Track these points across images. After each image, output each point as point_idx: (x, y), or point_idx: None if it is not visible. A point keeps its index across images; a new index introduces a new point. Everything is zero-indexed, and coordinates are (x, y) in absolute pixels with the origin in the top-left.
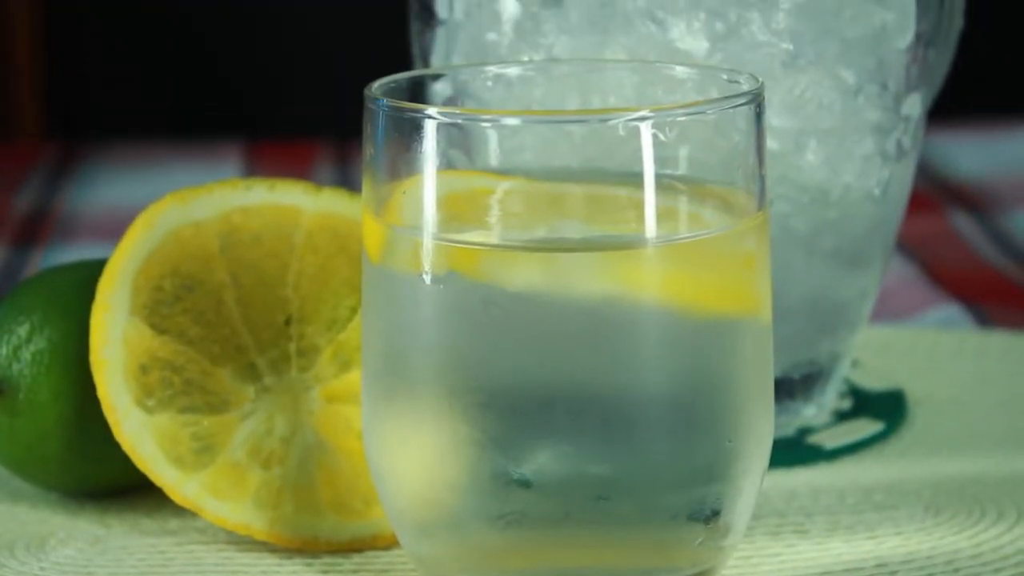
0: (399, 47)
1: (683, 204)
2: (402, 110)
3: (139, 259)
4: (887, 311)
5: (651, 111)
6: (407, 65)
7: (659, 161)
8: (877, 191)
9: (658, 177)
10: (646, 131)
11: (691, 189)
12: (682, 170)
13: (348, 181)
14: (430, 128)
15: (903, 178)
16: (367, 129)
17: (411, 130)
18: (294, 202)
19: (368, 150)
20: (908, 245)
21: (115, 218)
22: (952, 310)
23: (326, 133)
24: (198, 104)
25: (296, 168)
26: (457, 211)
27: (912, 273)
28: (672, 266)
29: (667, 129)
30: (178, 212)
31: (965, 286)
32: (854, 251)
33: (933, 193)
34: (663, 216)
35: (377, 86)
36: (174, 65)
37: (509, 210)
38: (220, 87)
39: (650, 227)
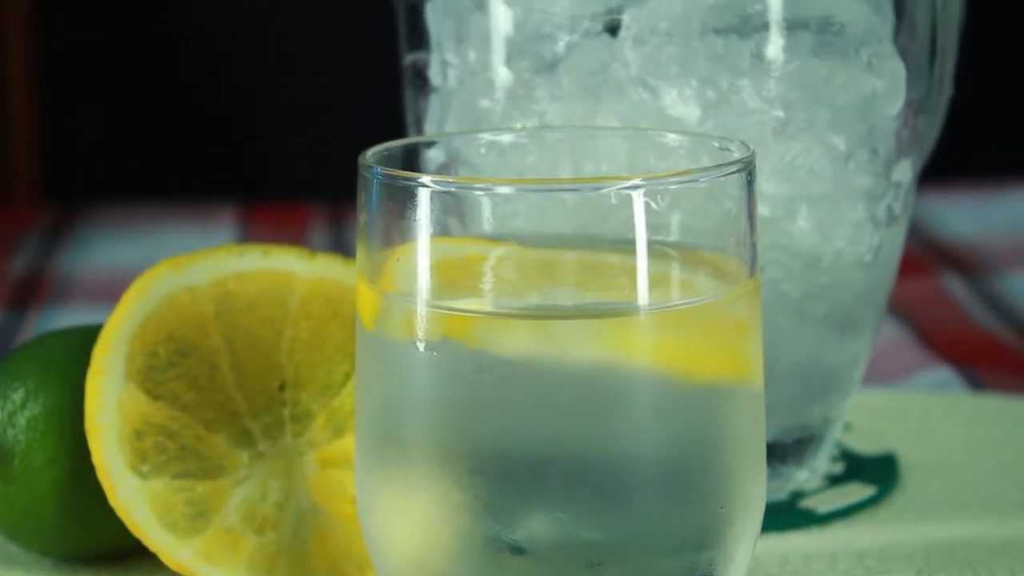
0: (394, 111)
1: (675, 271)
2: (396, 178)
3: (134, 325)
4: (879, 374)
5: (643, 179)
6: (401, 129)
7: (651, 228)
8: (868, 257)
9: (650, 244)
10: (638, 199)
11: (683, 255)
12: (674, 236)
13: (342, 243)
14: (423, 196)
15: (894, 243)
16: (361, 197)
17: (405, 198)
18: (288, 268)
19: (362, 217)
20: (900, 308)
21: (110, 280)
22: (944, 373)
23: (320, 196)
24: (193, 167)
25: (291, 231)
26: (450, 278)
27: (904, 336)
28: (664, 333)
29: (659, 197)
30: (173, 278)
31: (957, 349)
32: (845, 316)
33: (925, 255)
34: (655, 283)
35: (371, 154)
36: (169, 128)
37: (502, 276)
38: (215, 151)
39: (642, 294)
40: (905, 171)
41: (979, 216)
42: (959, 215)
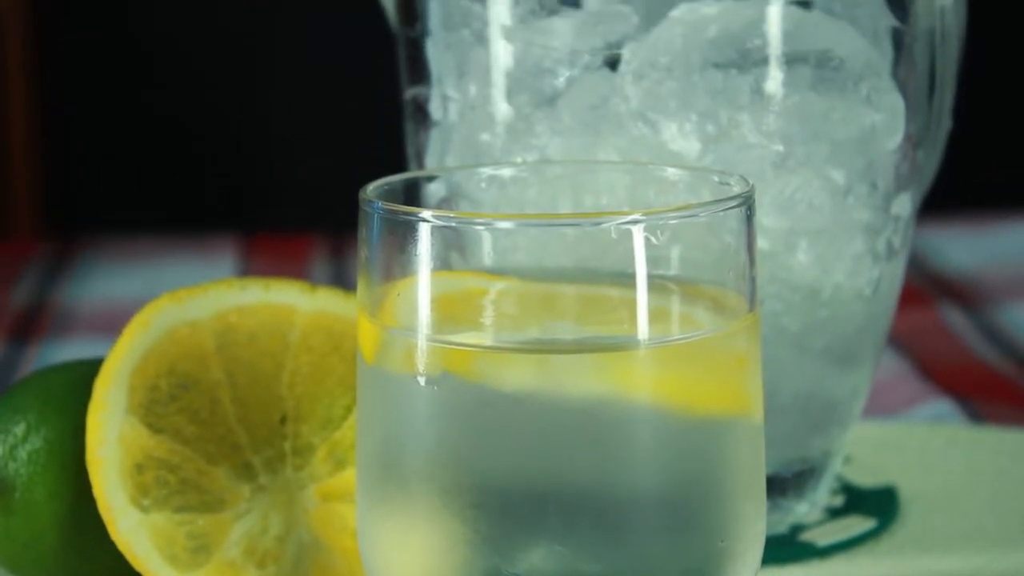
0: (394, 142)
1: (675, 305)
2: (396, 213)
3: (135, 359)
4: (879, 406)
5: (643, 215)
6: (401, 160)
7: (651, 262)
8: (868, 290)
9: (650, 278)
10: (638, 234)
11: (683, 289)
12: (674, 271)
13: (343, 275)
14: (424, 231)
15: (893, 276)
16: (362, 231)
17: (405, 232)
18: (289, 301)
19: (363, 251)
20: (899, 340)
21: (111, 313)
22: (943, 405)
23: (321, 227)
24: (194, 200)
25: (292, 263)
26: (451, 312)
27: (904, 368)
28: (664, 367)
29: (659, 232)
30: (174, 311)
31: (956, 381)
32: (845, 349)
33: (924, 287)
34: (655, 317)
35: (372, 188)
36: (171, 160)
37: (503, 311)
38: (216, 183)
39: (642, 328)
40: (904, 204)
41: (978, 248)
42: (958, 247)
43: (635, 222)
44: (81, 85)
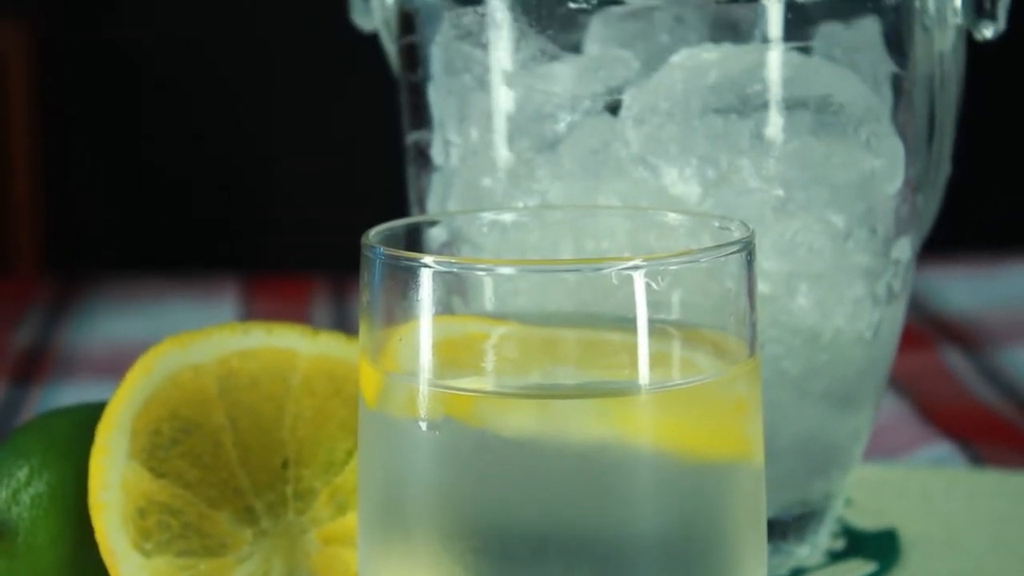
0: (395, 184)
1: (676, 349)
2: (398, 258)
3: (138, 403)
4: (880, 448)
5: (644, 260)
6: (403, 201)
7: (652, 307)
8: (868, 334)
9: (651, 323)
10: (639, 280)
11: (683, 334)
12: (675, 315)
13: (345, 316)
14: (426, 276)
15: (894, 320)
16: (364, 276)
17: (407, 278)
18: (291, 345)
19: (364, 296)
20: (900, 382)
21: (114, 354)
22: (944, 448)
23: (323, 267)
24: (196, 241)
25: (293, 303)
26: (452, 356)
27: (904, 410)
28: (665, 412)
29: (660, 277)
30: (177, 356)
31: (957, 424)
32: (846, 392)
33: (925, 329)
34: (656, 362)
35: (374, 233)
36: (173, 202)
37: (504, 355)
38: (218, 225)
39: (643, 373)
40: (904, 249)
41: (979, 290)
42: (959, 289)
43: (636, 268)
44: (84, 126)
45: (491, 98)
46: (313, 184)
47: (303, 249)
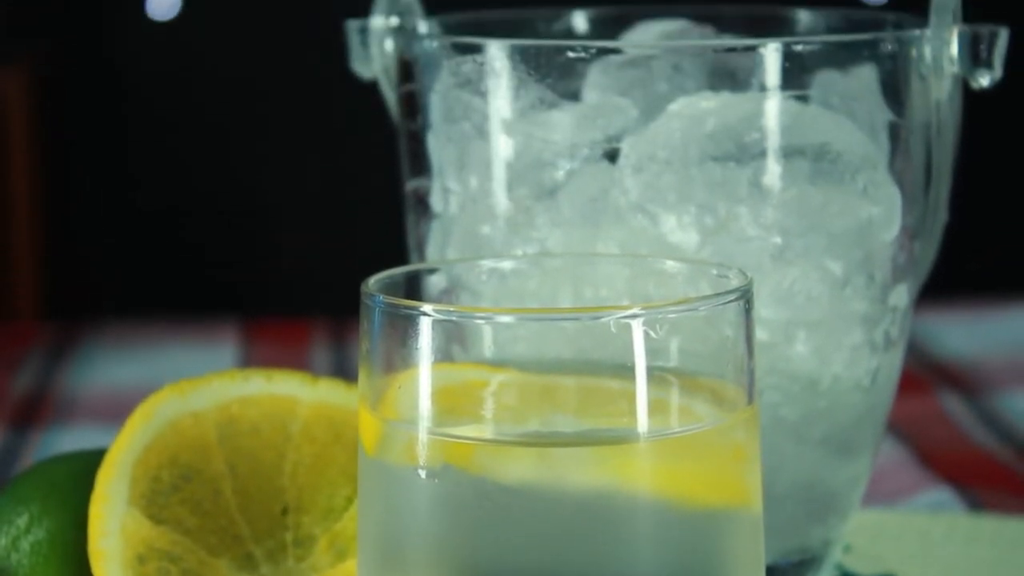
0: (394, 229)
1: (674, 397)
2: (398, 307)
3: (137, 450)
4: (878, 494)
5: (642, 309)
6: (401, 244)
7: (650, 354)
8: (866, 380)
9: (649, 370)
10: (637, 328)
11: (682, 381)
12: (673, 363)
13: (344, 360)
14: (425, 324)
15: (892, 367)
16: (363, 324)
17: (406, 326)
18: (291, 392)
19: (364, 344)
20: (899, 427)
21: (113, 400)
22: (943, 493)
23: (323, 309)
24: (196, 285)
25: (292, 348)
26: (451, 404)
27: (903, 455)
28: (664, 460)
29: (658, 326)
30: (176, 403)
31: (956, 469)
32: (844, 439)
33: (923, 374)
34: (654, 410)
35: (373, 282)
36: (173, 247)
37: (503, 403)
38: (217, 269)
39: (642, 421)
40: (902, 296)
41: (977, 334)
42: (957, 333)
43: (634, 316)
44: (85, 170)
45: (490, 146)
46: (312, 228)
47: (302, 293)
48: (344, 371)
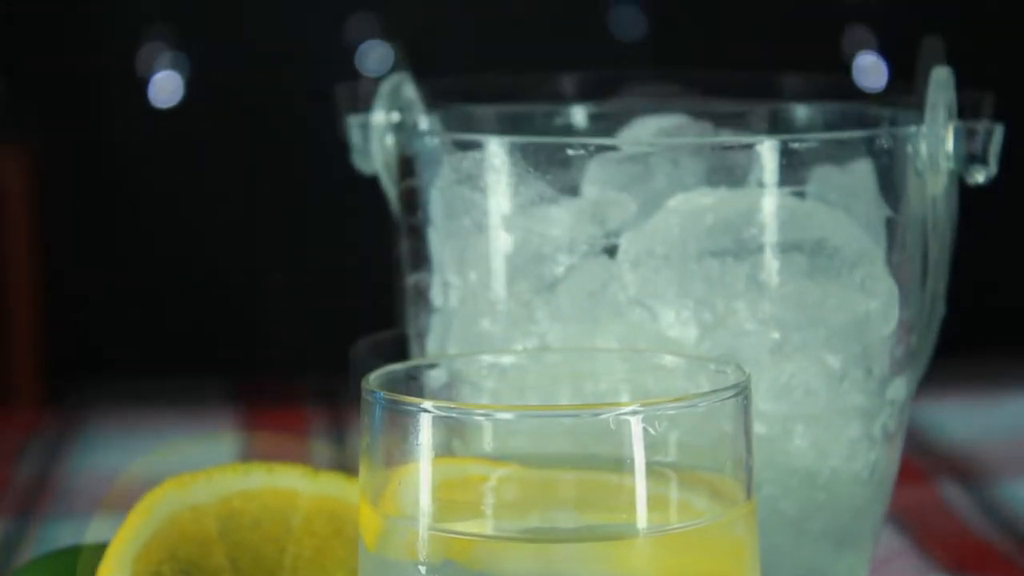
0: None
1: (673, 492)
2: (398, 403)
3: (138, 545)
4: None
5: (641, 405)
6: (391, 313)
7: (649, 450)
8: (865, 473)
9: (648, 465)
10: (636, 424)
11: (680, 476)
12: (671, 457)
13: (343, 442)
14: (425, 421)
15: (891, 459)
16: (364, 419)
17: (407, 422)
18: (292, 486)
19: (365, 439)
20: (898, 516)
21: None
22: None
23: (317, 369)
24: (192, 353)
25: (291, 430)
26: (452, 499)
27: (903, 545)
28: (663, 555)
29: (657, 422)
30: (177, 497)
31: (957, 559)
32: (843, 531)
33: (922, 463)
34: (653, 505)
35: (374, 377)
36: (172, 311)
37: (503, 499)
38: (212, 334)
39: (641, 516)
40: (900, 389)
41: (976, 422)
42: (956, 421)
43: (633, 413)
44: (82, 246)
45: (490, 241)
46: (306, 289)
47: (294, 363)
48: (344, 452)
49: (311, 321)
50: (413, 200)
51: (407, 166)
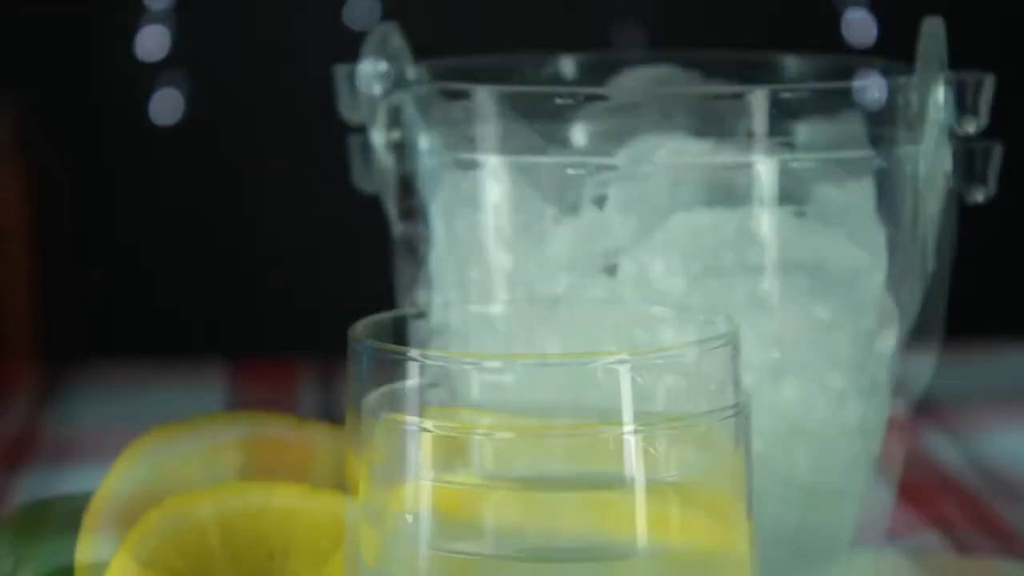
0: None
1: (662, 444)
2: (386, 352)
3: (124, 494)
4: (864, 537)
5: (629, 355)
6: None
7: (649, 468)
8: (853, 426)
9: (636, 415)
10: (635, 442)
11: (670, 426)
12: (660, 407)
13: (332, 403)
14: (413, 370)
15: (878, 412)
16: (351, 369)
17: (394, 371)
18: (291, 504)
19: (351, 388)
20: (883, 469)
21: (100, 440)
22: (930, 536)
23: (310, 347)
24: (184, 325)
25: (280, 390)
26: (453, 517)
27: (888, 498)
28: (653, 505)
29: (656, 441)
30: (177, 511)
31: (942, 511)
32: (832, 485)
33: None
34: (654, 523)
35: (361, 326)
36: (164, 286)
37: (503, 518)
38: (204, 307)
39: (642, 535)
40: (900, 406)
41: (964, 375)
42: (943, 373)
43: (621, 362)
44: (77, 229)
45: (490, 259)
46: (301, 269)
47: (290, 332)
48: (331, 413)
49: (308, 306)
50: (412, 219)
51: (406, 185)
